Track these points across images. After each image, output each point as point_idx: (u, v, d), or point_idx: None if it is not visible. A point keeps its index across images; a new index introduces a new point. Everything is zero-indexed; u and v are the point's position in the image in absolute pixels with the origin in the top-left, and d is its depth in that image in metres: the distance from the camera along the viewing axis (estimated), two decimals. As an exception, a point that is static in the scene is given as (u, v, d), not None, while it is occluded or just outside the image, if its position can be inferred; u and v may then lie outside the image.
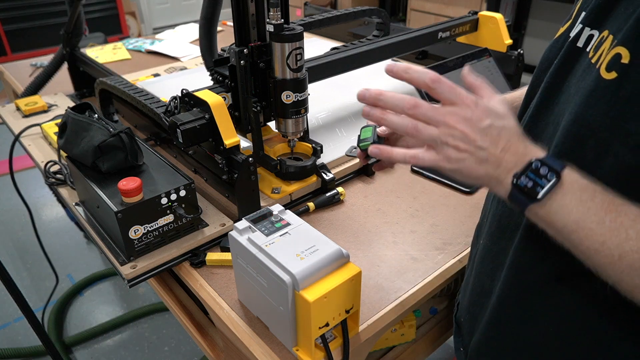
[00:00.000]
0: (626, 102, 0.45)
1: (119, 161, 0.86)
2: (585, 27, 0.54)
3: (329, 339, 0.69)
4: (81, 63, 1.51)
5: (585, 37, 0.54)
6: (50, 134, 1.21)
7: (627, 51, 0.45)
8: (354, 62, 1.16)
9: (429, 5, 3.91)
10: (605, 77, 0.47)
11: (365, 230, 0.94)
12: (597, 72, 0.48)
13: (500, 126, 0.52)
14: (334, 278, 0.64)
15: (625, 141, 0.46)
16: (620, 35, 0.47)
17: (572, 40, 0.55)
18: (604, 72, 0.47)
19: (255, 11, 0.92)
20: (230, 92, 0.95)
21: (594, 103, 0.48)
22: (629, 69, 0.45)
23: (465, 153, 0.52)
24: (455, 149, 0.53)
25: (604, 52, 0.48)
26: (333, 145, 1.12)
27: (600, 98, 0.47)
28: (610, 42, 0.48)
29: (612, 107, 0.46)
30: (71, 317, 2.00)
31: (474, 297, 0.71)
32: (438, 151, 0.54)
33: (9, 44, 4.30)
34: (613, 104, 0.46)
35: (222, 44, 1.05)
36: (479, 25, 1.47)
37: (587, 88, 0.49)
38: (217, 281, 0.83)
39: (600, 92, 0.47)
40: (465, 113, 0.53)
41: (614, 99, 0.46)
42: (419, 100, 0.56)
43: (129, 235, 0.80)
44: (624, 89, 0.45)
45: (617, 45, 0.46)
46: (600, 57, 0.49)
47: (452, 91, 0.55)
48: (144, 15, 5.35)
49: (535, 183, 0.48)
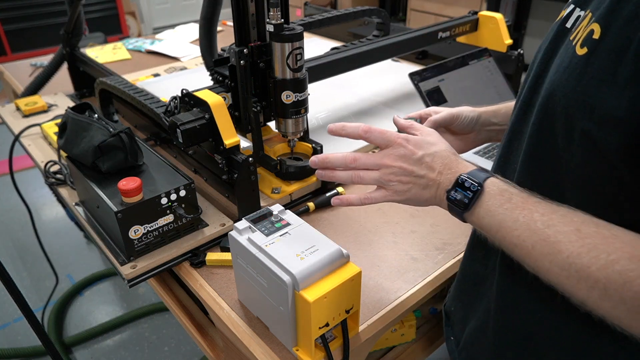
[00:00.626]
0: (592, 77, 0.46)
1: (119, 161, 0.86)
2: (576, 8, 0.55)
3: (329, 339, 0.69)
4: (81, 63, 1.51)
5: (574, 17, 0.54)
6: (50, 134, 1.21)
7: (599, 27, 0.46)
8: (354, 62, 1.16)
9: (429, 5, 3.91)
10: (578, 53, 0.48)
11: (365, 230, 0.94)
12: (573, 49, 0.49)
13: (433, 153, 0.61)
14: (334, 278, 0.64)
15: (590, 117, 0.46)
16: (597, 13, 0.47)
17: (562, 21, 0.56)
18: (578, 48, 0.48)
19: (255, 11, 0.92)
20: (230, 92, 0.95)
21: (565, 79, 0.49)
22: (598, 45, 0.46)
23: (409, 184, 0.62)
24: (399, 182, 0.62)
25: (582, 29, 0.49)
26: (333, 145, 1.12)
27: (570, 74, 0.48)
28: (588, 19, 0.49)
29: (579, 82, 0.47)
30: (71, 317, 2.00)
31: (466, 285, 0.71)
32: (386, 189, 0.64)
33: (9, 44, 4.30)
34: (580, 79, 0.47)
35: (222, 44, 1.05)
36: (479, 25, 1.47)
37: (563, 65, 0.50)
38: (217, 281, 0.83)
39: (572, 68, 0.48)
40: (399, 151, 0.62)
41: (581, 74, 0.47)
42: (357, 154, 0.65)
43: (129, 235, 0.80)
44: (591, 64, 0.46)
45: (593, 22, 0.47)
46: (578, 34, 0.49)
47: (383, 136, 0.64)
48: (144, 15, 5.35)
49: (463, 195, 0.57)
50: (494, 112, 0.79)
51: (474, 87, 1.29)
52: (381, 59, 1.23)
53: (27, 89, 1.52)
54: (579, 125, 0.48)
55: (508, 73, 1.38)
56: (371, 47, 1.19)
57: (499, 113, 0.79)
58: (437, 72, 1.26)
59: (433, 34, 1.34)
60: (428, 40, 1.34)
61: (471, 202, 0.56)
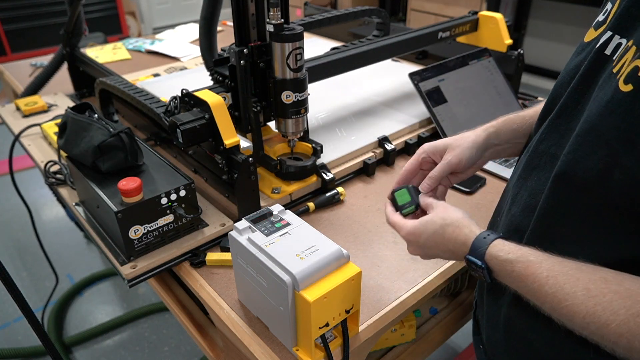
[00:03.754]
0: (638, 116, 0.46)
1: (119, 161, 0.86)
2: (615, 35, 0.54)
3: (329, 339, 0.69)
4: (81, 63, 1.51)
5: (614, 45, 0.53)
6: (50, 134, 1.21)
7: None
8: (354, 62, 1.16)
9: (429, 5, 3.90)
10: (622, 89, 0.47)
11: (365, 230, 0.94)
12: (616, 84, 0.48)
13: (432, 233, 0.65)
14: (334, 278, 0.64)
15: (633, 154, 0.47)
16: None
17: (601, 47, 0.55)
18: (622, 84, 0.47)
19: (255, 11, 0.92)
20: (230, 92, 0.95)
21: (608, 114, 0.49)
22: None
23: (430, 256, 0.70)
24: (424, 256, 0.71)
25: (626, 63, 0.48)
26: (333, 145, 1.12)
27: (614, 110, 0.48)
28: (633, 53, 0.48)
29: (625, 120, 0.47)
30: (71, 317, 2.00)
31: (490, 295, 0.71)
32: None
33: (9, 44, 4.30)
34: (625, 117, 0.47)
35: (222, 44, 1.05)
36: (479, 25, 1.47)
37: (605, 98, 0.49)
38: (217, 281, 0.83)
39: (615, 104, 0.48)
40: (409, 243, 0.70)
41: (627, 112, 0.47)
42: None
43: (129, 235, 0.80)
44: (638, 102, 0.46)
45: (638, 58, 0.46)
46: (622, 68, 0.49)
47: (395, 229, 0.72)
48: (144, 15, 5.35)
49: (479, 274, 0.61)
50: (495, 133, 0.77)
51: (474, 87, 1.29)
52: (381, 59, 1.23)
53: (27, 89, 1.52)
54: (622, 162, 0.48)
55: (508, 73, 1.38)
56: (371, 47, 1.18)
57: (501, 133, 0.77)
58: (437, 72, 1.26)
59: (433, 34, 1.34)
60: (428, 40, 1.34)
61: (487, 277, 0.60)
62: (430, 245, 0.66)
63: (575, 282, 0.50)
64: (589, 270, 0.51)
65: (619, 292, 0.47)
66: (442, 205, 0.68)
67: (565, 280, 0.51)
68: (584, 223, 0.54)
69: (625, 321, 0.46)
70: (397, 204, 0.72)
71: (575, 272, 0.51)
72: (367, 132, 1.18)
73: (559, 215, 0.56)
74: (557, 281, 0.51)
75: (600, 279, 0.49)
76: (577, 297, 0.49)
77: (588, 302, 0.48)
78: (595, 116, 0.50)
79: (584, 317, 0.49)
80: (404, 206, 0.72)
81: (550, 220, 0.57)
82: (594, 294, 0.48)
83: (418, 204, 0.71)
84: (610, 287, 0.48)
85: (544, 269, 0.53)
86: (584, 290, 0.49)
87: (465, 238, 0.62)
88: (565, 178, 0.55)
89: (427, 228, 0.66)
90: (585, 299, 0.49)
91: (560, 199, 0.56)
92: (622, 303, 0.47)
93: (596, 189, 0.51)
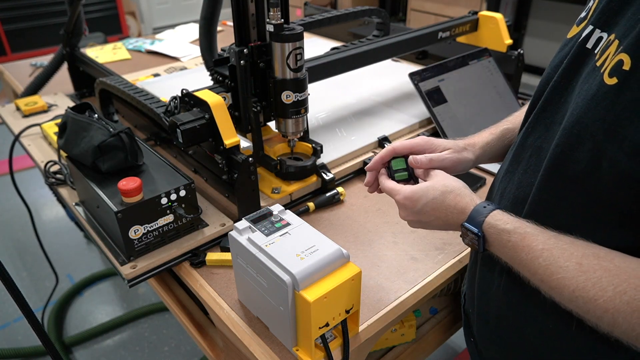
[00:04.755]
0: (624, 108, 0.47)
1: (119, 161, 0.86)
2: (596, 29, 0.55)
3: (329, 339, 0.69)
4: (81, 63, 1.51)
5: (595, 38, 0.55)
6: (50, 134, 1.21)
7: (629, 58, 0.46)
8: (354, 62, 1.16)
9: (429, 5, 3.90)
10: (607, 82, 0.48)
11: (365, 230, 0.94)
12: (601, 77, 0.49)
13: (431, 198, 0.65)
14: (334, 278, 0.64)
15: (620, 146, 0.47)
16: (625, 41, 0.47)
17: (583, 41, 0.56)
18: (607, 77, 0.48)
19: (255, 11, 0.92)
20: (230, 92, 0.95)
21: (594, 107, 0.49)
22: (630, 76, 0.46)
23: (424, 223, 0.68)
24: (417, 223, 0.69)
25: (609, 56, 0.49)
26: (333, 145, 1.12)
27: (600, 102, 0.49)
28: (615, 47, 0.49)
29: (610, 112, 0.48)
30: (71, 317, 2.00)
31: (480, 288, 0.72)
32: None
33: (9, 44, 4.30)
34: (611, 109, 0.48)
35: (222, 44, 1.05)
36: (479, 25, 1.47)
37: (590, 91, 0.50)
38: (217, 281, 0.83)
39: (601, 97, 0.49)
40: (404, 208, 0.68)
41: (612, 105, 0.48)
42: None
43: (129, 235, 0.80)
44: (623, 95, 0.47)
45: (621, 51, 0.47)
46: (605, 62, 0.50)
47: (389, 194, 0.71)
48: (144, 15, 5.35)
49: (472, 242, 0.61)
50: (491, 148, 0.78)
51: (474, 87, 1.29)
52: (381, 59, 1.23)
53: (27, 89, 1.52)
54: (608, 154, 0.49)
55: (508, 73, 1.38)
56: (371, 47, 1.18)
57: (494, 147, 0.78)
58: (437, 72, 1.26)
59: (433, 34, 1.34)
60: (428, 40, 1.34)
61: (480, 246, 0.60)
62: (426, 211, 0.65)
63: (568, 257, 0.51)
64: (583, 245, 0.52)
65: (609, 269, 0.49)
66: (442, 173, 0.69)
67: (560, 254, 0.52)
68: (575, 215, 0.55)
69: (611, 298, 0.47)
70: (391, 170, 0.72)
71: (569, 247, 0.52)
72: (367, 132, 1.18)
73: (549, 207, 0.57)
74: (552, 254, 0.53)
75: (592, 254, 0.51)
76: (569, 271, 0.51)
77: (579, 277, 0.50)
78: (581, 109, 0.51)
79: (573, 291, 0.50)
80: (397, 171, 0.72)
81: (540, 213, 0.58)
82: (585, 269, 0.50)
83: (412, 172, 0.71)
84: (601, 264, 0.49)
85: (539, 241, 0.54)
86: (576, 265, 0.50)
87: (465, 205, 0.63)
88: (555, 171, 0.56)
89: (427, 193, 0.65)
90: (576, 273, 0.50)
91: (550, 191, 0.57)
92: (610, 280, 0.48)
93: (586, 180, 0.52)
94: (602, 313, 0.48)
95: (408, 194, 0.66)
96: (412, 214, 0.67)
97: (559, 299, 0.52)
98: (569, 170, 0.54)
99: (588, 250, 0.51)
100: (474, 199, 0.63)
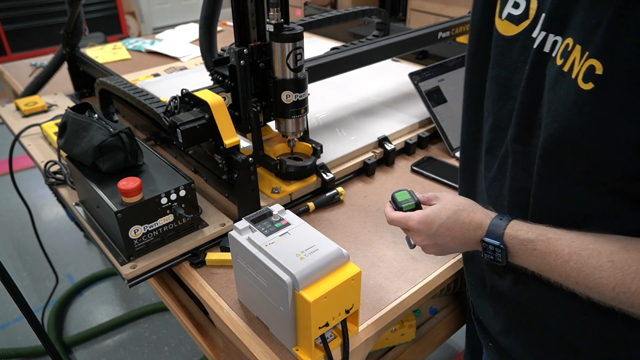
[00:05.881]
0: (606, 110, 0.48)
1: (119, 161, 0.86)
2: (549, 34, 0.55)
3: (329, 339, 0.69)
4: (81, 63, 1.51)
5: (550, 43, 0.55)
6: (50, 134, 1.21)
7: (600, 63, 0.47)
8: (354, 62, 1.16)
9: (429, 5, 3.90)
10: (583, 87, 0.49)
11: (365, 230, 0.94)
12: (575, 83, 0.50)
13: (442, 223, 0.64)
14: (334, 278, 0.64)
15: (612, 148, 0.49)
16: (590, 47, 0.48)
17: (539, 47, 0.57)
18: (582, 83, 0.49)
19: (255, 11, 0.92)
20: (230, 92, 0.95)
21: (577, 112, 0.50)
22: (605, 80, 0.47)
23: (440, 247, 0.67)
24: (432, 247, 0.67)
25: (576, 62, 0.50)
26: (333, 145, 1.12)
27: (582, 107, 0.49)
28: (579, 52, 0.50)
29: (595, 115, 0.49)
30: (71, 317, 2.00)
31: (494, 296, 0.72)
32: None
33: (9, 44, 4.30)
34: (595, 114, 0.49)
35: (222, 44, 1.05)
36: (479, 25, 1.47)
37: (568, 98, 0.51)
38: (217, 281, 0.83)
39: (582, 102, 0.49)
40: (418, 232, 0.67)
41: (595, 108, 0.48)
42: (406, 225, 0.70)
43: (129, 235, 0.80)
44: (602, 98, 0.48)
45: (590, 57, 0.48)
46: (573, 67, 0.50)
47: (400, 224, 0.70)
48: (144, 15, 5.35)
49: (494, 257, 0.61)
50: None
51: (474, 87, 1.29)
52: (381, 59, 1.23)
53: (27, 89, 1.52)
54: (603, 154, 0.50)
55: (508, 73, 1.38)
56: (371, 47, 1.18)
57: None
58: (437, 72, 1.26)
59: (433, 34, 1.34)
60: (428, 40, 1.34)
61: (503, 260, 0.60)
62: (442, 232, 0.64)
63: (598, 256, 0.52)
64: (608, 241, 0.52)
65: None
66: (449, 194, 0.68)
67: (589, 255, 0.52)
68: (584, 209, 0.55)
69: None
70: (397, 202, 0.72)
71: (596, 246, 0.52)
72: (367, 132, 1.18)
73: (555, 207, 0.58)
74: (581, 257, 0.53)
75: (621, 248, 0.51)
76: (604, 270, 0.51)
77: (616, 274, 0.50)
78: (564, 116, 0.52)
79: (613, 288, 0.50)
80: (404, 202, 0.71)
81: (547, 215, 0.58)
82: (619, 265, 0.50)
83: (418, 201, 0.71)
84: (632, 256, 0.50)
85: (565, 245, 0.54)
86: (609, 263, 0.51)
87: (480, 221, 0.62)
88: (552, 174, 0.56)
89: (439, 214, 0.64)
90: (612, 271, 0.50)
91: (552, 193, 0.57)
92: None
93: (587, 179, 0.53)
94: None
95: (421, 218, 0.66)
96: (427, 238, 0.66)
97: (599, 297, 0.52)
98: (565, 174, 0.54)
99: (614, 246, 0.51)
100: (488, 214, 0.63)
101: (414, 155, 1.21)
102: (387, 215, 0.72)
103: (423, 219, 0.66)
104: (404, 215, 0.68)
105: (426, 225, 0.65)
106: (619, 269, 0.50)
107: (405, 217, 0.68)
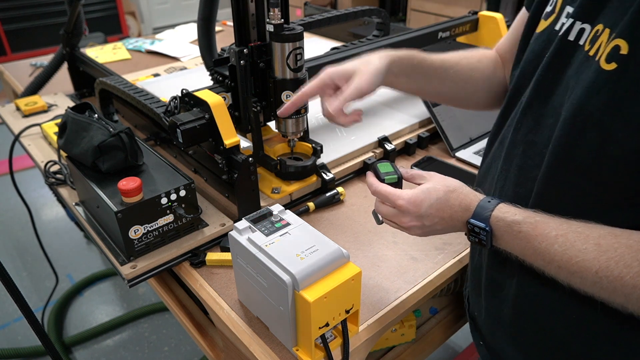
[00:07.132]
0: (627, 89, 0.47)
1: (119, 161, 0.86)
2: (576, 22, 0.56)
3: (329, 339, 0.69)
4: (81, 63, 1.51)
5: (576, 31, 0.56)
6: (50, 134, 1.21)
7: (626, 43, 0.47)
8: (354, 62, 1.16)
9: (429, 5, 3.91)
10: (605, 68, 0.49)
11: (365, 230, 0.94)
12: (597, 64, 0.50)
13: (435, 199, 0.63)
14: (334, 278, 0.64)
15: (627, 127, 0.48)
16: (618, 28, 0.48)
17: (563, 35, 0.57)
18: (604, 63, 0.49)
19: (255, 11, 0.92)
20: (230, 92, 0.95)
21: (595, 93, 0.50)
22: (629, 59, 0.47)
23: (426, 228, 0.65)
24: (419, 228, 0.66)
25: (602, 44, 0.50)
26: (333, 145, 1.12)
27: (601, 88, 0.49)
28: (607, 35, 0.50)
29: (614, 96, 0.48)
30: (71, 317, 2.00)
31: (489, 291, 0.71)
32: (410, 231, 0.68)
33: (9, 44, 4.30)
34: (614, 93, 0.48)
35: (222, 44, 1.05)
36: (479, 25, 1.47)
37: (588, 80, 0.51)
38: (217, 281, 0.83)
39: (602, 83, 0.49)
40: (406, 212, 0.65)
41: (615, 88, 0.48)
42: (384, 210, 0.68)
43: (129, 235, 0.80)
44: (624, 78, 0.47)
45: (616, 37, 0.48)
46: (599, 50, 0.50)
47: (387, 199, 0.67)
48: (144, 15, 5.35)
49: (479, 238, 0.61)
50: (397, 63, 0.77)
51: (474, 87, 1.29)
52: (381, 59, 1.23)
53: (27, 89, 1.52)
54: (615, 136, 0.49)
55: (508, 73, 1.38)
56: (371, 47, 1.18)
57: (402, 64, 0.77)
58: (437, 72, 1.26)
59: (433, 34, 1.34)
60: (428, 40, 1.34)
61: (488, 242, 0.60)
62: (431, 213, 0.63)
63: (585, 239, 0.51)
64: (597, 227, 0.52)
65: (630, 246, 0.48)
66: (437, 174, 0.67)
67: (576, 238, 0.52)
68: (584, 201, 0.55)
69: (639, 273, 0.47)
70: (379, 173, 0.70)
71: (584, 229, 0.52)
72: (367, 132, 1.18)
73: (556, 198, 0.57)
74: (567, 239, 0.52)
75: (609, 234, 0.50)
76: (589, 253, 0.50)
77: (600, 257, 0.49)
78: (581, 98, 0.51)
79: (596, 272, 0.50)
80: (386, 173, 0.69)
81: (546, 206, 0.58)
82: (605, 248, 0.49)
83: (400, 176, 0.69)
84: (620, 241, 0.49)
85: (552, 228, 0.54)
86: (595, 246, 0.50)
87: (469, 203, 0.62)
88: (560, 162, 0.56)
89: (429, 195, 0.63)
90: (597, 254, 0.50)
91: (556, 183, 0.57)
92: (634, 256, 0.48)
93: (593, 167, 0.52)
94: (630, 290, 0.47)
95: (410, 197, 0.64)
96: (415, 219, 0.64)
97: (581, 283, 0.52)
98: (575, 160, 0.54)
99: (603, 231, 0.51)
100: (477, 196, 0.63)
101: (414, 155, 1.21)
102: (372, 185, 0.69)
103: (413, 198, 0.63)
104: (393, 192, 0.65)
105: (415, 206, 0.63)
106: (604, 252, 0.49)
107: (394, 195, 0.65)
